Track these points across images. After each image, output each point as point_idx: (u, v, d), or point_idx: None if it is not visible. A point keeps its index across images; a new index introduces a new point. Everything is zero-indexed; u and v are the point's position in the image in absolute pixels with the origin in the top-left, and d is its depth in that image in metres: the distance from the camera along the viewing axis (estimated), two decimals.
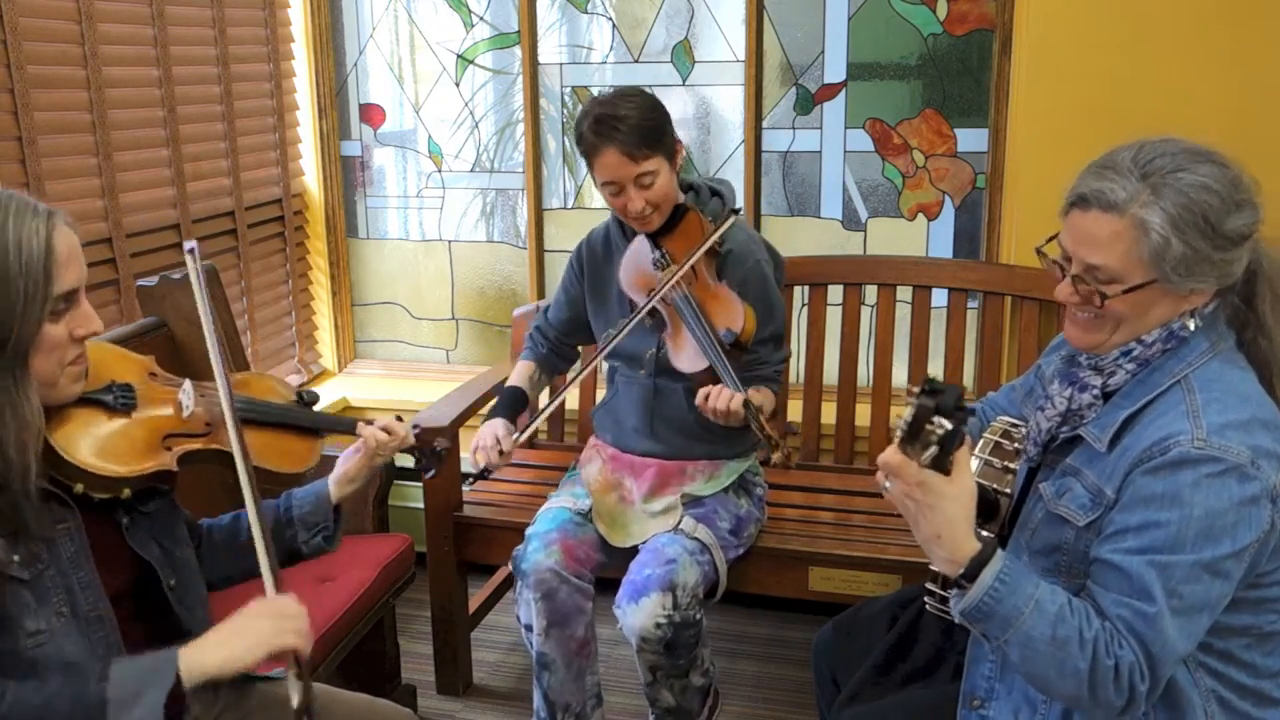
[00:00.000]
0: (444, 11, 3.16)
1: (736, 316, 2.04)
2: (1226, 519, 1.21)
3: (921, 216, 2.97)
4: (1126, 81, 2.50)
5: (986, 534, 1.26)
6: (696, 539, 2.11)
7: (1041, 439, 1.43)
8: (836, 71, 2.92)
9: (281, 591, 1.30)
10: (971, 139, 2.88)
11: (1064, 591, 1.26)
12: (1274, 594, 1.29)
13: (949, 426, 1.13)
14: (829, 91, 2.94)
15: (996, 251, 2.84)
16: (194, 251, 1.42)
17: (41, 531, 1.24)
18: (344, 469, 1.62)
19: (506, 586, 2.83)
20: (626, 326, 2.13)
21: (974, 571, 1.23)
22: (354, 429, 1.62)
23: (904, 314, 2.74)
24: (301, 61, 3.23)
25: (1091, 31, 2.50)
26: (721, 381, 1.98)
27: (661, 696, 2.15)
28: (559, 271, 2.45)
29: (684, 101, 3.04)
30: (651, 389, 2.21)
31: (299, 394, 1.62)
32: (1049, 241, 1.38)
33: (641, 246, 2.17)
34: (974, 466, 1.48)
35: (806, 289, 2.80)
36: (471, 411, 2.54)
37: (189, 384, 1.46)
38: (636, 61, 3.05)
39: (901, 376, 2.79)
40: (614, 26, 3.06)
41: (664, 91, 3.00)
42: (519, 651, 2.80)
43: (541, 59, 3.11)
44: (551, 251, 3.23)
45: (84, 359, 1.29)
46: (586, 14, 3.07)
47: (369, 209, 3.39)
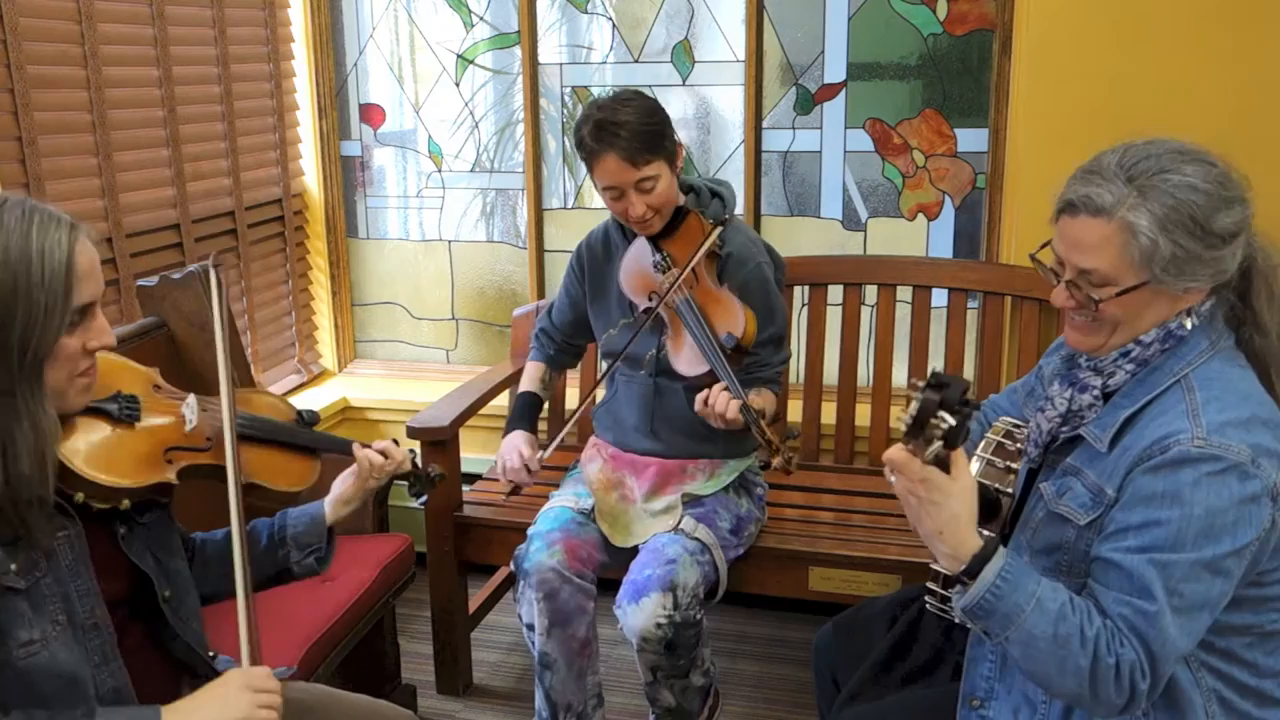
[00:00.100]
0: (444, 11, 3.16)
1: (737, 320, 2.04)
2: (1227, 517, 1.21)
3: (921, 216, 2.97)
4: (1126, 81, 2.50)
5: (988, 534, 1.26)
6: (697, 539, 2.11)
7: (1042, 439, 1.43)
8: (836, 71, 2.92)
9: (256, 645, 1.33)
10: (971, 139, 2.88)
11: (1065, 589, 1.27)
12: (1275, 592, 1.30)
13: (952, 422, 1.13)
14: (829, 91, 2.94)
15: (996, 252, 2.83)
16: (219, 266, 1.43)
17: (45, 541, 1.24)
18: (339, 491, 1.61)
19: (506, 586, 2.83)
20: (633, 337, 2.13)
21: (976, 568, 1.23)
22: (349, 450, 1.61)
23: (904, 314, 2.74)
24: (301, 61, 3.23)
25: (1091, 31, 2.50)
26: (722, 385, 1.98)
27: (662, 696, 2.15)
28: (559, 271, 2.45)
29: (684, 101, 3.04)
30: (651, 389, 2.21)
31: (299, 413, 1.62)
32: (1042, 248, 1.38)
33: (642, 248, 2.17)
34: (976, 467, 1.48)
35: (806, 289, 2.80)
36: (472, 411, 2.54)
37: (193, 398, 1.46)
38: (636, 61, 3.05)
39: (901, 377, 2.79)
40: (614, 26, 3.05)
41: (664, 91, 3.00)
42: (519, 651, 2.80)
43: (541, 59, 3.11)
44: (551, 251, 3.23)
45: (94, 370, 1.28)
46: (586, 14, 3.07)
47: (369, 209, 3.38)
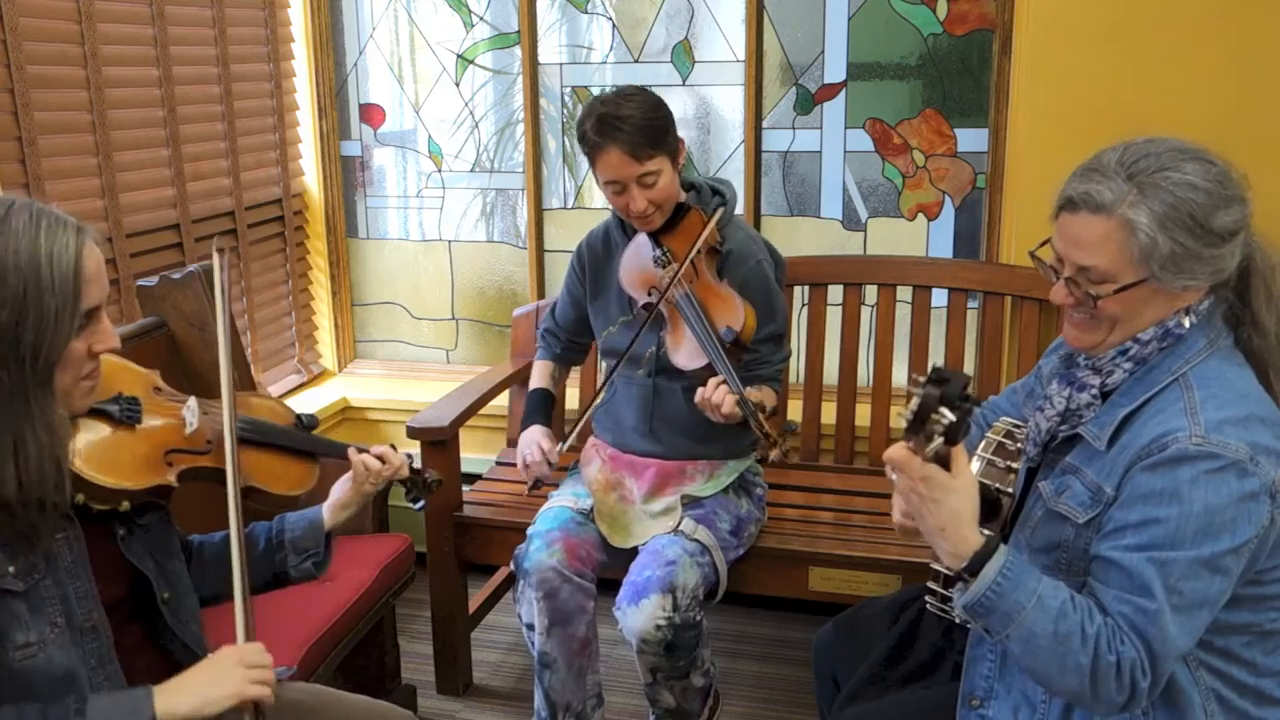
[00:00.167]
0: (444, 11, 3.16)
1: (737, 315, 2.04)
2: (1225, 515, 1.21)
3: (921, 216, 2.97)
4: (1126, 81, 2.50)
5: (988, 533, 1.27)
6: (697, 540, 2.11)
7: (1041, 438, 1.43)
8: (836, 71, 2.92)
9: (252, 633, 1.32)
10: (971, 139, 2.88)
11: (1066, 588, 1.27)
12: (1273, 591, 1.30)
13: (953, 418, 1.13)
14: (829, 91, 2.94)
15: (996, 251, 2.83)
16: (224, 251, 1.44)
17: (47, 543, 1.24)
18: (337, 496, 1.62)
19: (506, 586, 2.83)
20: (636, 336, 2.13)
21: (977, 566, 1.23)
22: (346, 454, 1.61)
23: (904, 314, 2.74)
24: (301, 61, 3.23)
25: (1091, 31, 2.50)
26: (720, 378, 1.98)
27: (662, 697, 2.15)
28: (559, 271, 2.45)
29: (684, 101, 3.04)
30: (651, 389, 2.21)
31: (298, 417, 1.63)
32: (1042, 246, 1.38)
33: (642, 244, 2.17)
34: (976, 466, 1.49)
35: (806, 289, 2.80)
36: (472, 412, 2.54)
37: (193, 400, 1.47)
38: (636, 61, 3.05)
39: (901, 377, 2.79)
40: (614, 26, 3.05)
41: (664, 91, 2.96)
42: (519, 651, 2.80)
43: (541, 59, 3.11)
44: (551, 251, 3.23)
45: (98, 373, 1.28)
46: (586, 14, 3.07)
47: (369, 209, 3.38)
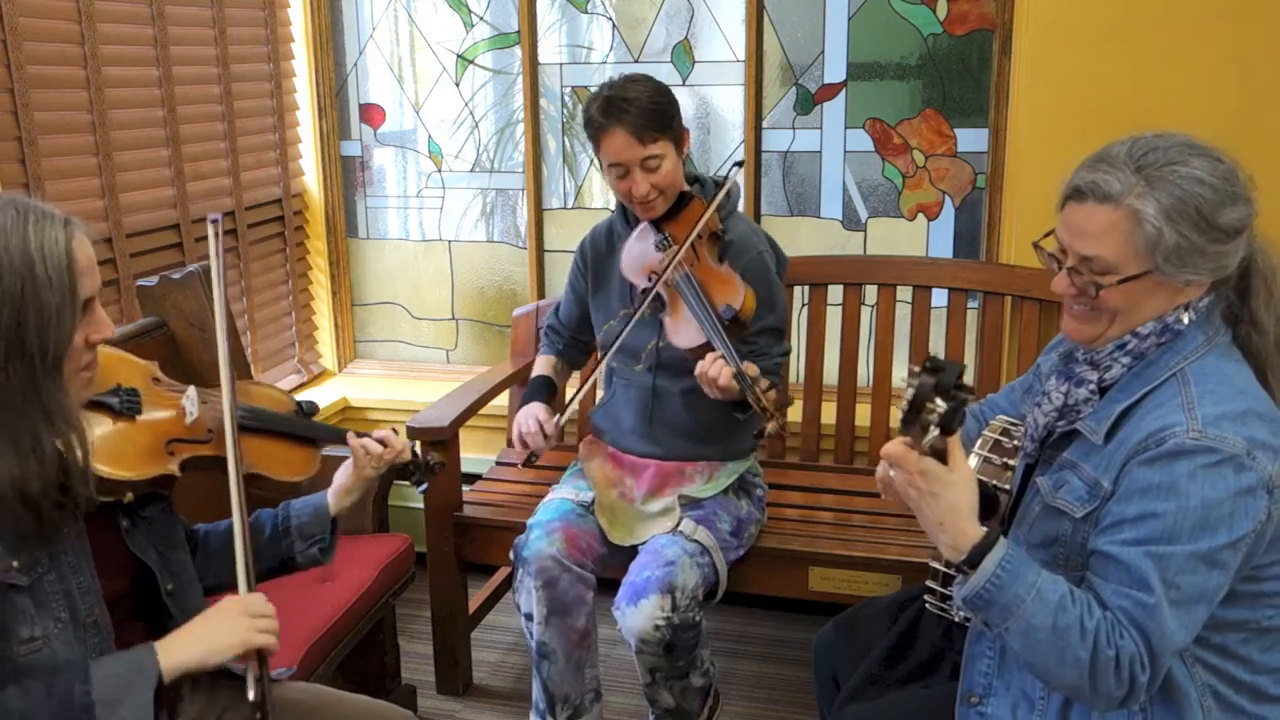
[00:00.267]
0: (444, 11, 3.16)
1: (736, 294, 2.04)
2: (1223, 509, 1.21)
3: (921, 216, 2.97)
4: (1126, 81, 2.50)
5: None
6: (696, 541, 2.11)
7: (1038, 434, 1.44)
8: (836, 71, 2.92)
9: (253, 584, 1.34)
10: (971, 139, 2.88)
11: (1065, 581, 1.27)
12: (1271, 588, 1.30)
13: (945, 407, 1.14)
14: (829, 91, 2.94)
15: (996, 251, 2.83)
16: (217, 221, 1.44)
17: (55, 537, 1.24)
18: (340, 481, 1.63)
19: (506, 586, 2.83)
20: (635, 314, 2.11)
21: (976, 558, 1.24)
22: (344, 440, 1.61)
23: (904, 314, 2.74)
24: (301, 61, 3.23)
25: (1091, 31, 2.50)
26: (717, 353, 1.95)
27: (661, 697, 2.15)
28: (559, 271, 2.45)
29: (684, 101, 3.00)
30: (650, 391, 2.21)
31: (298, 404, 1.63)
32: (1046, 236, 1.39)
33: (644, 231, 2.17)
34: (974, 463, 1.49)
35: (806, 289, 2.80)
36: (472, 412, 2.54)
37: (193, 390, 1.47)
38: (636, 61, 3.05)
39: (901, 377, 2.78)
40: (614, 26, 3.05)
41: None
42: (519, 651, 2.80)
43: (541, 59, 3.11)
44: (551, 251, 3.23)
45: (95, 363, 1.29)
46: (586, 14, 3.07)
47: (369, 209, 3.38)
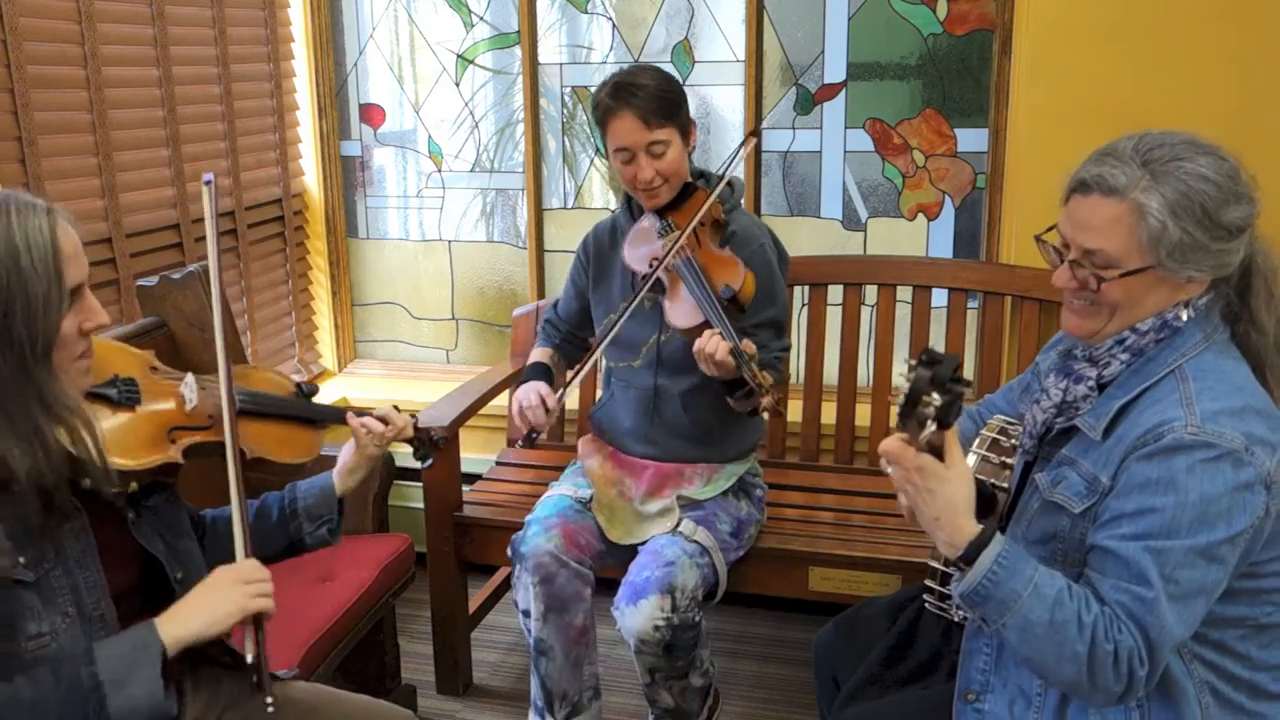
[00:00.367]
0: (444, 11, 3.16)
1: (737, 275, 2.04)
2: (1221, 504, 1.22)
3: (921, 216, 2.97)
4: (1127, 81, 2.50)
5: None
6: (696, 542, 2.11)
7: (1037, 430, 1.44)
8: (836, 71, 2.92)
9: (248, 551, 1.35)
10: (971, 139, 2.88)
11: (1063, 577, 1.27)
12: (1270, 585, 1.30)
13: (941, 401, 1.14)
14: (829, 91, 2.94)
15: (996, 251, 2.83)
16: (210, 182, 1.45)
17: (56, 531, 1.24)
18: (344, 461, 1.64)
19: (506, 586, 2.83)
20: (636, 297, 2.11)
21: (973, 554, 1.24)
22: (345, 419, 1.63)
23: (904, 314, 2.74)
24: (301, 61, 3.23)
25: (1091, 31, 2.50)
26: (715, 330, 1.94)
27: (660, 697, 2.15)
28: (559, 271, 2.45)
29: None
30: (651, 393, 2.21)
31: (298, 386, 1.64)
32: (1048, 231, 1.39)
33: (647, 221, 2.17)
34: (972, 461, 1.49)
35: (806, 289, 2.80)
36: (472, 411, 2.54)
37: (191, 377, 1.48)
38: (636, 61, 3.05)
39: (900, 372, 2.78)
40: (614, 26, 3.05)
41: None
42: (519, 651, 2.80)
43: (541, 59, 3.11)
44: (551, 251, 3.23)
45: (90, 353, 1.30)
46: (586, 14, 3.07)
47: (369, 209, 3.38)
